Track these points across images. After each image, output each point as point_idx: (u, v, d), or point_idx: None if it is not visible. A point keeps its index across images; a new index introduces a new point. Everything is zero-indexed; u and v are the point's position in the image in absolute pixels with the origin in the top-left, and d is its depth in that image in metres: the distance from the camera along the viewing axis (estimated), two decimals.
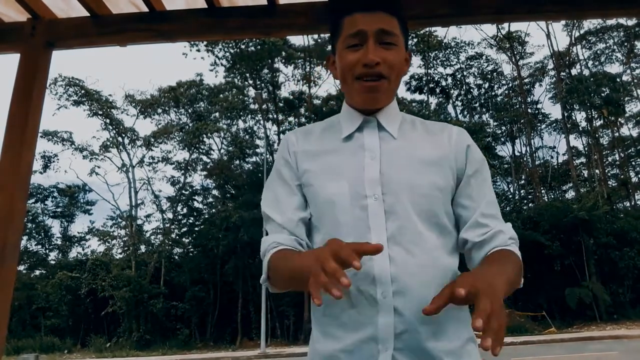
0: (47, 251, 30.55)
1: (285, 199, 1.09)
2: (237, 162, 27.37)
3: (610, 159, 32.56)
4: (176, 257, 26.06)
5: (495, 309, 0.73)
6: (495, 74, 32.79)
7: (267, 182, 1.17)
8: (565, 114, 29.89)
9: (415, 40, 30.13)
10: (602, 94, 28.28)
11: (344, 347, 0.96)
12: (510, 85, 32.83)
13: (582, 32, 31.04)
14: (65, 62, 48.49)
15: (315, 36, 26.45)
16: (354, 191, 1.01)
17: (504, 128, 32.21)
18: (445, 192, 1.04)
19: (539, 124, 32.99)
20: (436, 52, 31.29)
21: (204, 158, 27.96)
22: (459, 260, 1.06)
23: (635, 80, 30.65)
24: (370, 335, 0.94)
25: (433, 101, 32.61)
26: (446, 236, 1.03)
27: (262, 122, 26.62)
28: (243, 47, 25.65)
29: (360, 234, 0.98)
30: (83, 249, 30.58)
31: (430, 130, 1.13)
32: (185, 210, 27.21)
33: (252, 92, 27.28)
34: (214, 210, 25.72)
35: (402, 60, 1.08)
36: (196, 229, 26.03)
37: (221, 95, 27.57)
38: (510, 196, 30.16)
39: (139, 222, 27.66)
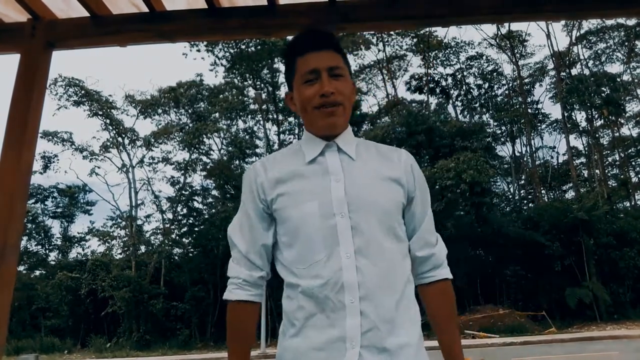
0: (47, 251, 30.57)
1: (248, 229, 1.23)
2: (237, 162, 27.35)
3: (610, 159, 32.56)
4: (176, 258, 26.04)
5: None
6: (495, 74, 32.80)
7: (239, 210, 1.28)
8: (566, 114, 29.89)
9: (415, 40, 30.14)
10: (603, 94, 28.27)
11: (314, 345, 1.09)
12: (511, 85, 32.86)
13: (582, 32, 31.05)
14: (65, 62, 48.50)
15: None
16: (324, 211, 1.13)
17: (504, 128, 32.22)
18: (400, 206, 1.21)
19: (539, 124, 32.99)
20: (436, 52, 31.29)
21: (204, 158, 27.93)
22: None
23: (636, 80, 30.64)
24: (338, 336, 1.07)
25: (433, 101, 32.62)
26: (401, 243, 1.19)
27: (262, 122, 26.62)
28: (243, 47, 25.65)
29: (330, 248, 1.11)
30: (83, 250, 30.58)
31: (382, 152, 1.28)
32: (185, 210, 27.17)
33: (252, 92, 27.27)
34: (213, 210, 25.71)
35: (351, 89, 1.26)
36: (196, 229, 26.00)
37: (221, 96, 27.54)
38: (510, 196, 30.19)
39: (139, 222, 27.64)
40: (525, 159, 31.98)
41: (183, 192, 27.00)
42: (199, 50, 26.02)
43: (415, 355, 1.11)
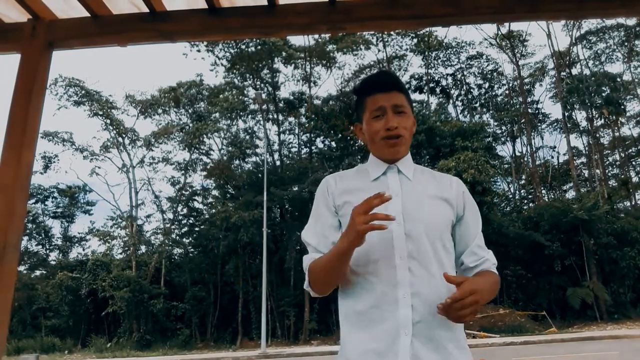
0: (48, 251, 30.56)
1: (320, 228, 1.40)
2: (237, 162, 27.35)
3: (610, 158, 32.55)
4: (176, 258, 26.05)
5: (472, 290, 1.13)
6: (495, 73, 32.79)
7: (310, 217, 1.47)
8: (566, 114, 29.86)
9: (415, 40, 30.13)
10: (603, 94, 28.27)
11: (372, 335, 1.25)
12: (511, 85, 32.83)
13: (582, 31, 31.03)
14: (65, 62, 48.49)
15: (316, 36, 26.45)
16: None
17: (504, 128, 32.20)
18: (448, 222, 1.38)
19: (539, 124, 32.97)
20: (436, 52, 31.28)
21: (204, 158, 27.96)
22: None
23: (636, 80, 30.62)
24: (393, 325, 1.23)
25: (433, 101, 32.62)
26: (449, 254, 1.36)
27: (262, 122, 26.61)
28: (243, 47, 25.65)
29: (386, 252, 1.29)
30: (83, 249, 30.60)
31: (436, 176, 1.48)
32: (185, 210, 27.20)
33: (252, 92, 27.26)
34: (214, 210, 25.71)
35: (412, 123, 1.46)
36: (196, 229, 26.02)
37: (221, 96, 27.52)
38: (511, 196, 30.16)
39: (139, 222, 27.65)
40: (525, 158, 31.97)
41: (183, 192, 27.02)
42: (199, 51, 26.03)
43: (459, 348, 1.27)
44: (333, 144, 26.98)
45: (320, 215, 1.42)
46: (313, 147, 27.80)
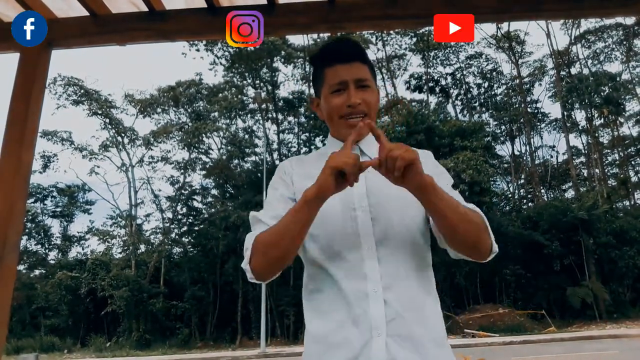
0: (47, 251, 30.55)
1: (277, 204, 1.23)
2: (237, 161, 27.34)
3: (610, 158, 32.57)
4: (176, 257, 26.05)
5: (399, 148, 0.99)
6: (494, 73, 32.79)
7: (266, 200, 1.29)
8: (565, 113, 29.89)
9: (415, 39, 30.12)
10: (602, 93, 28.29)
11: (340, 338, 1.10)
12: (510, 84, 32.84)
13: (581, 31, 31.06)
14: (64, 61, 48.41)
15: (315, 36, 26.43)
16: (344, 205, 1.17)
17: (503, 127, 32.23)
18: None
19: (538, 123, 33.01)
20: (436, 51, 31.28)
21: (203, 158, 27.93)
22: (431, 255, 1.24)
23: (635, 79, 30.65)
24: (364, 325, 1.08)
25: (433, 100, 32.63)
26: (423, 236, 1.20)
27: (261, 121, 26.61)
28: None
29: (351, 240, 1.14)
30: (83, 249, 30.58)
31: None
32: (184, 209, 27.19)
33: (251, 91, 27.25)
34: (213, 209, 25.70)
35: (376, 98, 1.31)
36: (196, 228, 26.01)
37: (220, 95, 27.50)
38: (510, 195, 30.18)
39: (139, 221, 27.63)
40: (524, 158, 32.00)
41: (182, 191, 27.01)
42: (198, 50, 26.01)
43: (440, 345, 1.12)
44: None
45: (278, 194, 1.26)
46: (312, 147, 27.77)
